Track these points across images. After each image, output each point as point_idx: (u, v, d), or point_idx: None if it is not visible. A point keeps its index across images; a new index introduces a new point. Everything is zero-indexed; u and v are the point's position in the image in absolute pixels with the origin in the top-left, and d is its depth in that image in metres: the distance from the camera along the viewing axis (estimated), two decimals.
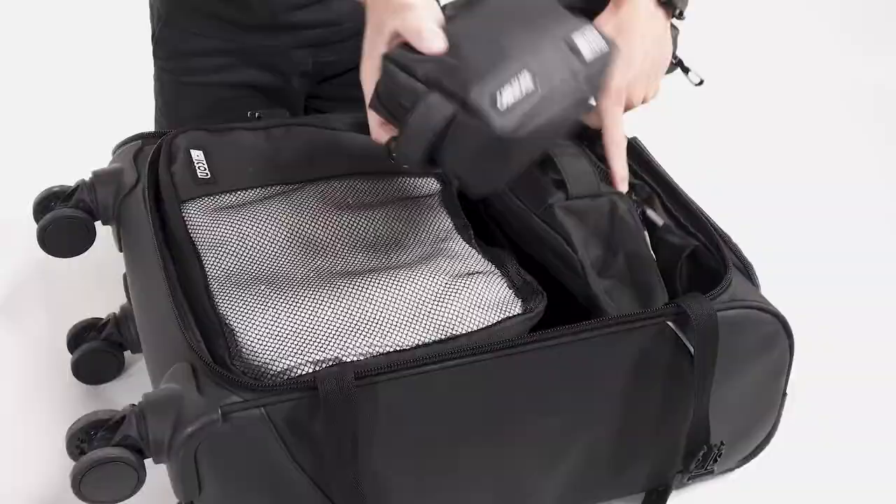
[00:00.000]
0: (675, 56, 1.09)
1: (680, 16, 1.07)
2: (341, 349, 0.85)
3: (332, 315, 0.88)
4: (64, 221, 1.05)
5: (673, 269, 0.98)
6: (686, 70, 1.10)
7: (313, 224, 0.99)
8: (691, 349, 0.91)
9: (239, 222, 0.98)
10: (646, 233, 1.00)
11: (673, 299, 0.93)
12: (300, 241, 0.98)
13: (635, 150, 1.10)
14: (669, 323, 0.90)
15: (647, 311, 0.90)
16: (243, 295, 0.90)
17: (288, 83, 1.31)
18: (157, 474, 0.84)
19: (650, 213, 1.03)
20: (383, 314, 0.89)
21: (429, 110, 0.79)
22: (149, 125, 1.31)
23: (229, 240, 0.96)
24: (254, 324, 0.87)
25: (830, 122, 1.90)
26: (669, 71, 1.09)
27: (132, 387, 1.17)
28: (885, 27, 2.20)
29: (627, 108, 1.04)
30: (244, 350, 0.85)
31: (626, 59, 1.00)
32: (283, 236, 0.98)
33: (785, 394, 1.02)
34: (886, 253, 1.51)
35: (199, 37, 1.26)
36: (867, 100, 1.98)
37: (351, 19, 1.27)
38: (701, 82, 1.09)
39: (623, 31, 1.02)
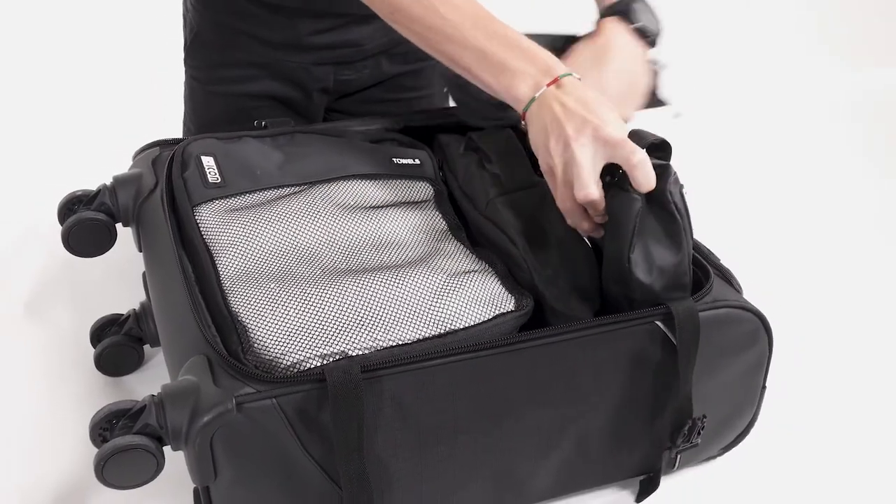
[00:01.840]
0: (656, 95, 1.09)
1: (653, 44, 1.07)
2: (347, 344, 0.85)
3: (338, 311, 0.88)
4: (87, 223, 1.05)
5: None
6: (661, 103, 1.10)
7: (318, 225, 1.00)
8: (676, 343, 0.91)
9: (248, 223, 0.98)
10: None
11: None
12: (306, 241, 0.98)
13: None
14: (658, 323, 0.90)
15: (638, 312, 0.90)
16: (254, 293, 0.90)
17: (309, 97, 1.32)
18: (176, 461, 0.85)
19: None
20: (386, 310, 0.89)
21: None
22: (166, 132, 1.31)
23: (239, 240, 0.96)
24: (264, 320, 0.87)
25: (811, 130, 1.91)
26: (651, 105, 1.08)
27: (150, 378, 1.17)
28: (869, 36, 2.20)
29: None
30: (256, 345, 0.85)
31: (599, 86, 1.01)
32: (289, 236, 0.98)
33: (764, 387, 1.03)
34: (861, 256, 1.52)
35: (228, 50, 1.27)
36: (846, 108, 1.98)
37: (371, 41, 1.28)
38: (678, 115, 1.09)
39: (598, 59, 1.02)
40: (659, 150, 0.89)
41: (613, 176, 0.90)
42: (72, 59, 1.98)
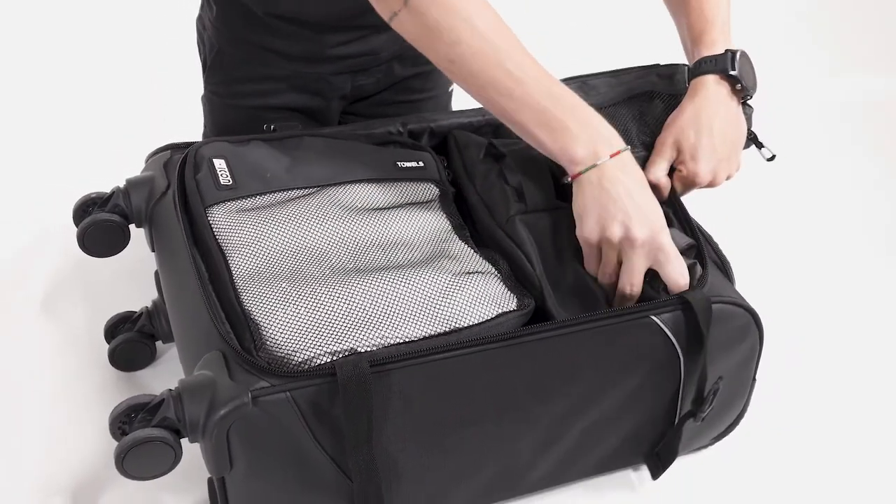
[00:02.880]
0: (750, 132, 1.09)
1: (748, 98, 1.07)
2: (356, 341, 0.85)
3: (347, 310, 0.88)
4: (101, 225, 1.05)
5: None
6: (760, 145, 1.10)
7: (327, 226, 0.99)
8: (672, 338, 0.92)
9: (260, 224, 0.98)
10: None
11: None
12: (315, 241, 0.98)
13: None
14: (654, 318, 0.91)
15: (639, 305, 0.91)
16: (266, 292, 0.90)
17: (328, 105, 1.31)
18: (192, 452, 0.85)
19: None
20: (393, 309, 0.89)
21: None
22: (176, 137, 1.31)
23: (251, 241, 0.96)
24: (276, 318, 0.87)
25: (803, 133, 1.92)
26: (745, 146, 1.09)
27: (162, 374, 1.18)
28: (857, 46, 2.21)
29: (711, 186, 1.05)
30: (268, 342, 0.85)
31: (709, 149, 1.02)
32: (299, 237, 0.98)
33: (754, 379, 1.04)
34: (849, 256, 1.53)
35: (249, 65, 1.26)
36: (839, 113, 1.99)
37: (386, 49, 1.28)
38: (772, 157, 1.09)
39: (702, 125, 1.03)
40: (689, 250, 0.95)
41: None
42: (87, 67, 1.97)
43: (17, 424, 1.11)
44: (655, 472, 1.03)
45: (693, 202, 1.06)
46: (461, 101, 1.15)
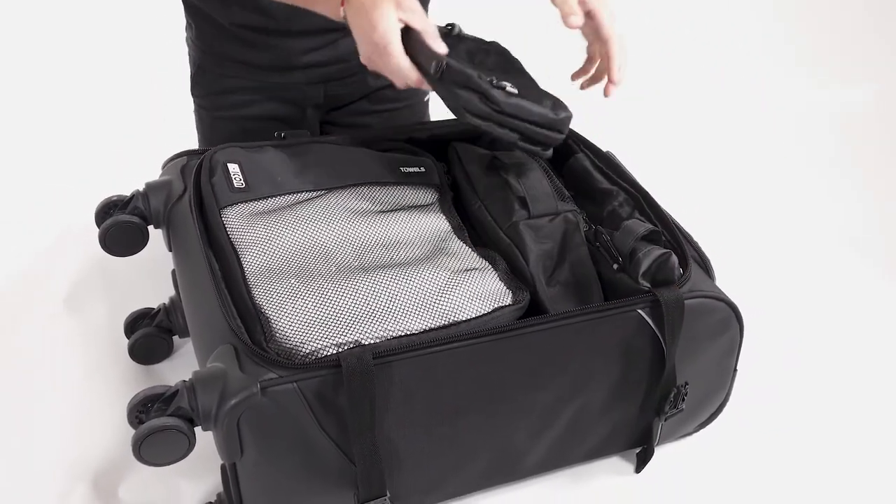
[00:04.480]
0: None
1: None
2: (360, 333, 0.86)
3: (352, 305, 0.89)
4: (122, 226, 1.05)
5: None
6: None
7: (333, 227, 1.00)
8: (656, 330, 0.92)
9: (271, 225, 0.99)
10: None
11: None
12: (323, 241, 0.98)
13: (612, 164, 1.11)
14: (640, 311, 0.91)
15: (625, 300, 0.91)
16: (276, 287, 0.91)
17: (303, 114, 1.32)
18: (206, 440, 0.85)
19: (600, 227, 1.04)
20: (395, 304, 0.89)
21: None
22: (189, 144, 1.32)
23: (263, 240, 0.97)
24: (285, 312, 0.88)
25: (788, 140, 1.92)
26: None
27: (179, 366, 1.18)
28: (841, 58, 2.21)
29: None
30: (277, 334, 0.85)
31: None
32: (308, 237, 0.98)
33: (735, 370, 1.04)
34: (822, 253, 1.53)
35: (228, 78, 1.27)
36: (817, 122, 1.99)
37: (356, 56, 1.27)
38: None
39: None
40: (651, 236, 0.94)
41: (622, 266, 0.95)
42: (108, 81, 1.98)
43: (41, 414, 1.11)
44: (637, 466, 1.04)
45: (676, 204, 1.07)
46: (438, 109, 1.15)
